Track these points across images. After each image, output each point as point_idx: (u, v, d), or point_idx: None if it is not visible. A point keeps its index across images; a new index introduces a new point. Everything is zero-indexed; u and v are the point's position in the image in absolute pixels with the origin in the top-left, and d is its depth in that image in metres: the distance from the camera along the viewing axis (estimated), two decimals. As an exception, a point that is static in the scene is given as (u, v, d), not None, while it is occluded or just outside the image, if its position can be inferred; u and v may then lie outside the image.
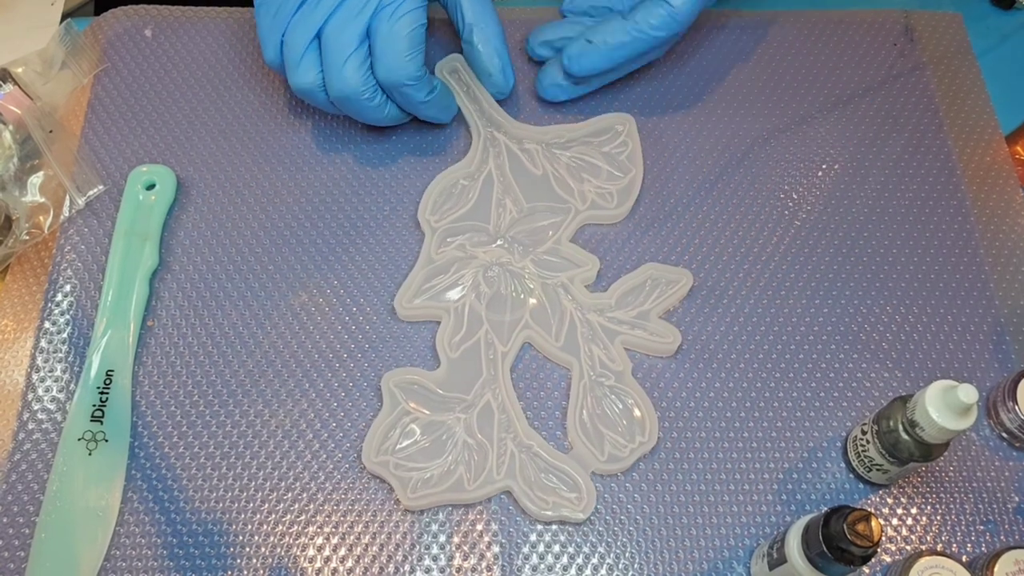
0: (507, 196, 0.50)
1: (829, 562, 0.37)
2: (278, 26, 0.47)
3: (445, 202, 0.50)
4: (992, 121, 0.55)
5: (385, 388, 0.45)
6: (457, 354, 0.46)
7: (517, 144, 0.52)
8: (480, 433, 0.44)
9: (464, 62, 0.54)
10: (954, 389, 0.38)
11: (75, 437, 0.44)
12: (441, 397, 0.45)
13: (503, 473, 0.43)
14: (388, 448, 0.44)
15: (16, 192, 0.50)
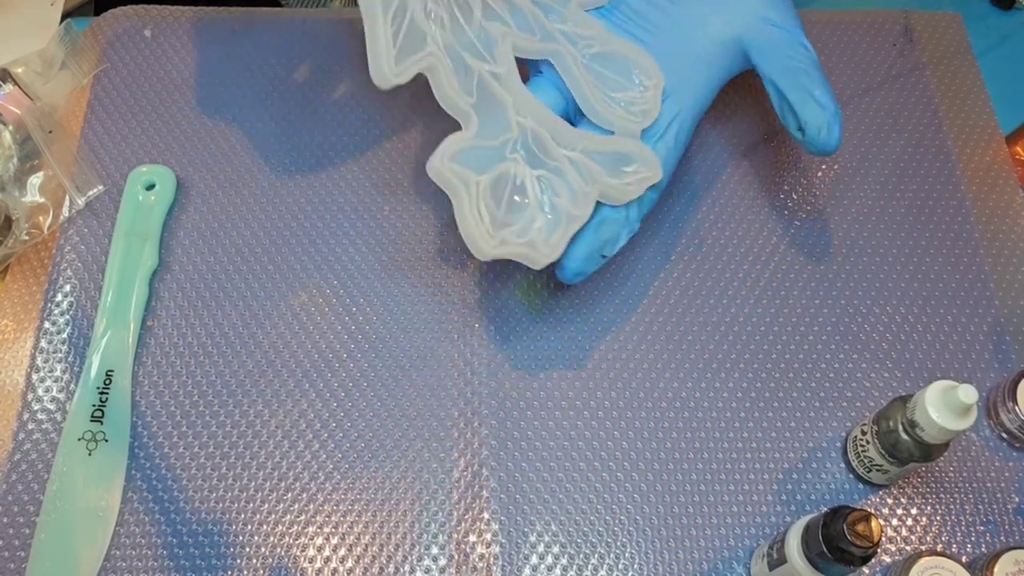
0: None
1: (829, 562, 0.37)
2: None
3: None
4: (992, 121, 0.55)
5: (444, 176, 0.42)
6: (474, 98, 0.43)
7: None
8: (544, 156, 0.44)
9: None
10: (954, 389, 0.38)
11: (75, 437, 0.44)
12: (493, 147, 0.43)
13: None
14: (500, 221, 0.42)
15: (16, 192, 0.50)
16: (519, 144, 0.43)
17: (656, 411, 0.46)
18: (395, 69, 0.42)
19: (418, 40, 0.43)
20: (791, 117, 0.46)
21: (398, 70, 0.42)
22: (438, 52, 0.43)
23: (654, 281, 0.50)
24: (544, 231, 0.43)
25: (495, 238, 0.42)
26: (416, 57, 0.43)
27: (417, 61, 0.43)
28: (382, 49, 0.42)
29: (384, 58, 0.42)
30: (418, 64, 0.43)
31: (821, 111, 0.45)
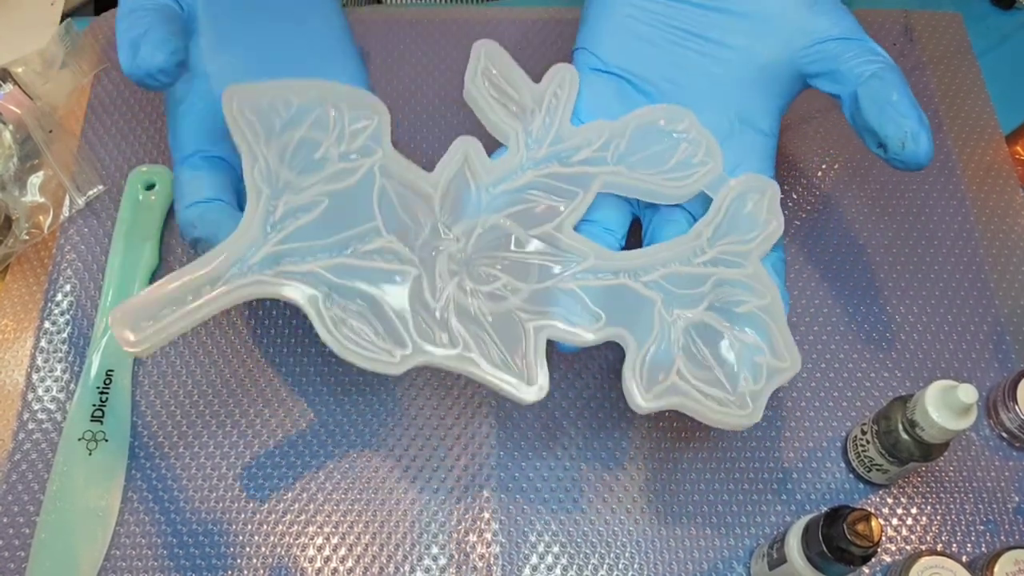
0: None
1: (829, 562, 0.37)
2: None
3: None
4: (992, 121, 0.55)
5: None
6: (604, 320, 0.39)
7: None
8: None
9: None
10: (954, 389, 0.38)
11: (75, 437, 0.44)
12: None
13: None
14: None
15: (16, 192, 0.50)
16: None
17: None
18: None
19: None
20: (868, 134, 0.41)
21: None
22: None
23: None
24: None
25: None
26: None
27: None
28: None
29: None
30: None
31: (902, 121, 0.39)
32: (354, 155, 0.39)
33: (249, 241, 0.36)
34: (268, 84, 0.39)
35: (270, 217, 0.37)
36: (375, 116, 0.40)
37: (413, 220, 0.39)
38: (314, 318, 0.36)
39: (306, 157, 0.38)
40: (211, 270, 0.36)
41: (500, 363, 0.37)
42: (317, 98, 0.39)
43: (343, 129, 0.39)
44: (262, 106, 0.38)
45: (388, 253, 0.38)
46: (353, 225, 0.38)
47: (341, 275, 0.37)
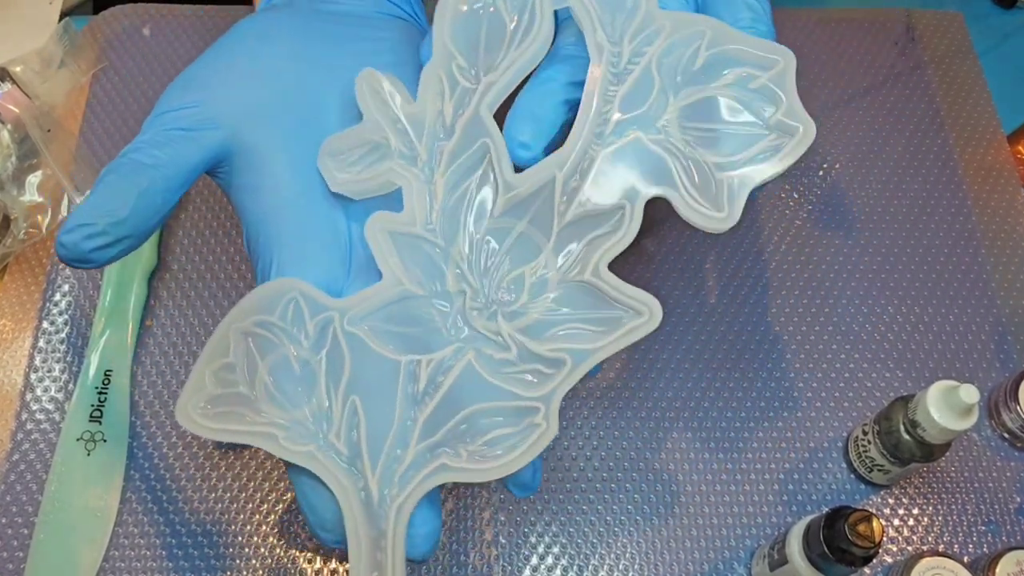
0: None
1: (830, 563, 0.37)
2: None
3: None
4: (994, 121, 0.55)
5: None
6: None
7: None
8: None
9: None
10: (955, 389, 0.38)
11: (74, 437, 0.44)
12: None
13: None
14: None
15: (14, 191, 0.50)
16: None
17: (656, 411, 0.46)
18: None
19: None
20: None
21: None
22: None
23: (653, 282, 0.49)
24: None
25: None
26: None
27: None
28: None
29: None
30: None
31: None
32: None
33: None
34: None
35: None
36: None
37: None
38: None
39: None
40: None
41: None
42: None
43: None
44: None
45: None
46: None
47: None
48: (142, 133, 0.34)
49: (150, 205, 0.33)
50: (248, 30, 0.38)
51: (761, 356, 0.48)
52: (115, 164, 0.33)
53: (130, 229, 0.32)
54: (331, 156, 0.35)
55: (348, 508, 0.32)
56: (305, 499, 0.33)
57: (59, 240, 0.31)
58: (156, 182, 0.33)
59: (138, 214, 0.33)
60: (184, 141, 0.34)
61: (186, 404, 0.33)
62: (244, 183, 0.36)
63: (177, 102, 0.35)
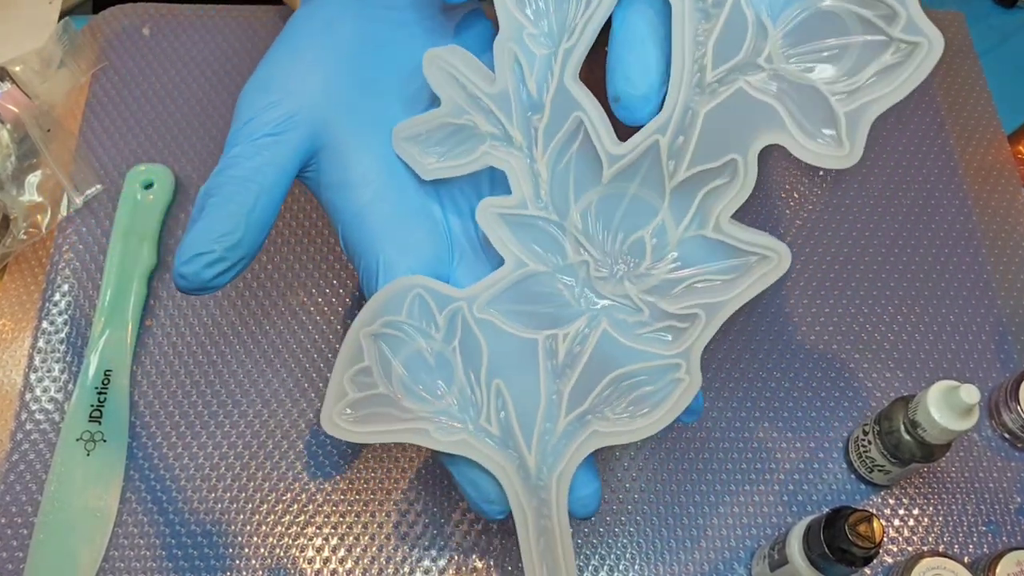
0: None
1: (831, 563, 0.36)
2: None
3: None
4: (994, 120, 0.55)
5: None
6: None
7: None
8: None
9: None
10: (956, 389, 0.38)
11: (73, 437, 0.44)
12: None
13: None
14: None
15: (14, 191, 0.49)
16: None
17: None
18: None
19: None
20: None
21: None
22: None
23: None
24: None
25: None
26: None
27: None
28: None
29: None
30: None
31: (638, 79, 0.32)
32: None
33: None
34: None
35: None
36: None
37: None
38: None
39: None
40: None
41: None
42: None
43: None
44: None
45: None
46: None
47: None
48: (232, 146, 0.34)
49: (259, 221, 0.33)
50: (309, 21, 0.36)
51: (761, 356, 0.48)
52: (214, 184, 0.33)
53: (245, 250, 0.32)
54: (411, 142, 0.34)
55: (509, 485, 0.33)
56: (464, 478, 0.33)
57: (178, 272, 0.31)
58: (260, 196, 0.33)
59: (250, 232, 0.32)
60: (275, 147, 0.34)
61: (330, 413, 0.33)
62: (333, 180, 0.35)
63: (258, 107, 0.34)
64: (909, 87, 0.30)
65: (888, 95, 0.30)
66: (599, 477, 0.34)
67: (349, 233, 0.35)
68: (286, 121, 0.34)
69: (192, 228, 0.32)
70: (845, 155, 0.31)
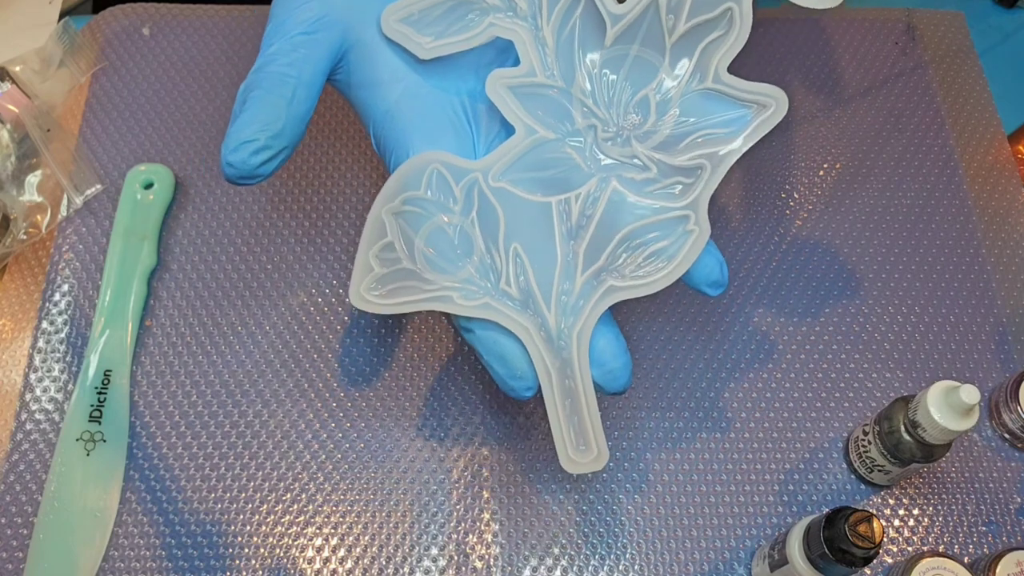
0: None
1: (830, 563, 0.36)
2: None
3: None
4: (994, 120, 0.55)
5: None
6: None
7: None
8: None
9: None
10: (956, 390, 0.38)
11: (73, 437, 0.44)
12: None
13: None
14: None
15: (14, 191, 0.49)
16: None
17: (656, 411, 0.46)
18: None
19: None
20: None
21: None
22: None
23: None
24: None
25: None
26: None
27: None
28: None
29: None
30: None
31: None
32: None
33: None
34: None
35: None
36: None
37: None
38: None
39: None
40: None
41: None
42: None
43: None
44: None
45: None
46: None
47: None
48: (268, 45, 0.36)
49: (298, 112, 0.35)
50: None
51: (761, 356, 0.48)
52: (255, 80, 0.35)
53: (287, 139, 0.34)
54: (405, 23, 0.35)
55: (532, 345, 0.34)
56: (491, 354, 0.35)
57: (226, 160, 0.33)
58: (298, 89, 0.35)
59: (291, 123, 0.34)
60: (309, 44, 0.36)
61: (358, 288, 0.35)
62: (363, 79, 0.37)
63: (291, 8, 0.36)
64: None
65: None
66: (628, 352, 0.35)
67: (380, 130, 0.37)
68: (318, 21, 0.36)
69: (237, 119, 0.34)
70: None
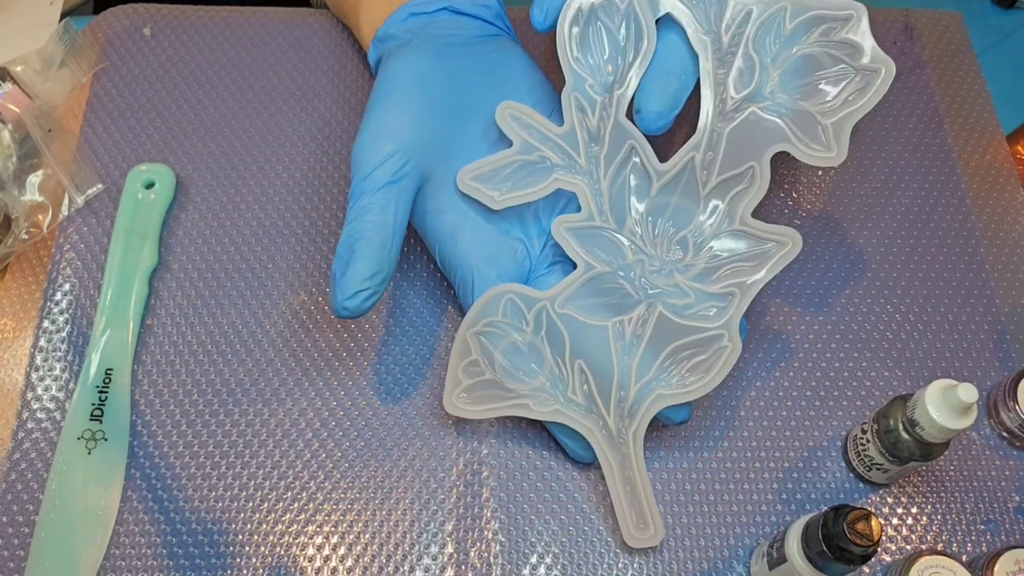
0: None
1: (829, 561, 0.37)
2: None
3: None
4: (993, 120, 0.55)
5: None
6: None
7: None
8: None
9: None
10: (954, 388, 0.38)
11: (74, 436, 0.44)
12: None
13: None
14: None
15: (15, 191, 0.50)
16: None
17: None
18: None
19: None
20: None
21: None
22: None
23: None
24: None
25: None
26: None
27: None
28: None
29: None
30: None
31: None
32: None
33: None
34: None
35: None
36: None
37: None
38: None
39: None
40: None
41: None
42: None
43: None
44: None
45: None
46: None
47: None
48: (361, 195, 0.42)
49: (395, 251, 0.42)
50: (404, 76, 0.45)
51: (760, 355, 0.48)
52: (356, 230, 0.41)
53: (388, 276, 0.41)
54: (480, 181, 0.43)
55: (596, 443, 0.42)
56: (562, 436, 0.43)
57: (343, 305, 0.40)
58: (395, 235, 0.42)
59: (390, 265, 0.41)
60: (398, 192, 0.42)
61: (451, 396, 0.42)
62: (432, 207, 0.44)
63: (378, 159, 0.42)
64: (874, 102, 0.41)
65: (860, 108, 0.41)
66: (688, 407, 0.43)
67: (446, 250, 0.44)
68: (402, 168, 0.42)
69: (349, 268, 0.40)
70: (833, 156, 0.41)
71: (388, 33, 0.48)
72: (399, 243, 0.42)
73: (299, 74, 0.56)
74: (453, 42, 0.47)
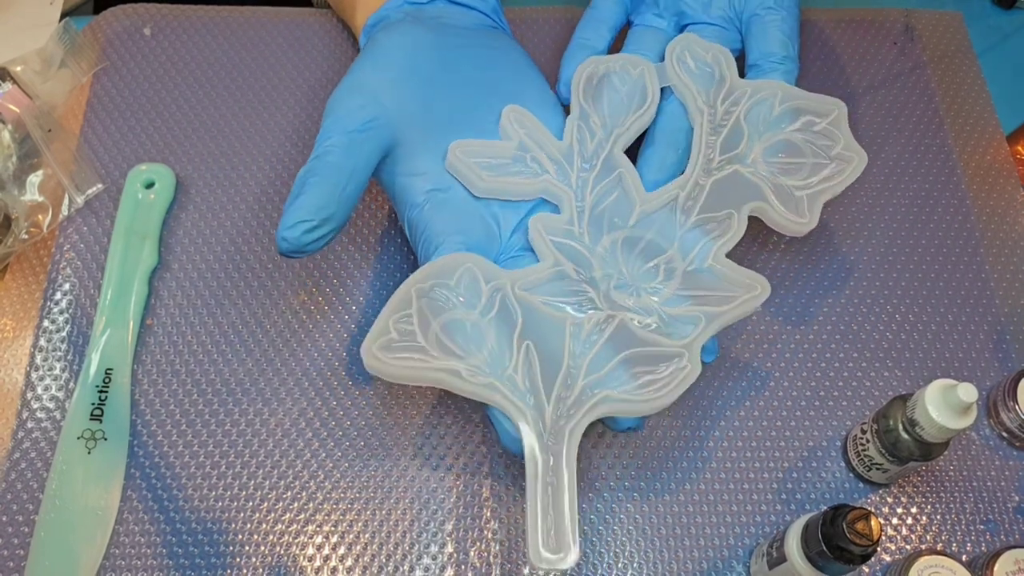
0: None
1: (829, 561, 0.37)
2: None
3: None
4: (993, 120, 0.55)
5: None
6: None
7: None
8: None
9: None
10: (954, 388, 0.38)
11: (74, 436, 0.44)
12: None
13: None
14: None
15: (15, 191, 0.50)
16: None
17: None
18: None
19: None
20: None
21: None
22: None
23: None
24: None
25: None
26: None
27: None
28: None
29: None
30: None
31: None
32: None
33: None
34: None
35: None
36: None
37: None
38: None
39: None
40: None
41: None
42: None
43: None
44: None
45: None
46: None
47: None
48: (326, 138, 0.41)
49: (349, 198, 0.41)
50: (402, 41, 0.45)
51: (760, 355, 0.48)
52: (313, 166, 0.40)
53: (336, 221, 0.40)
54: (473, 158, 0.43)
55: (525, 432, 0.38)
56: (497, 421, 0.39)
57: (281, 235, 0.39)
58: (350, 178, 0.41)
59: (341, 207, 0.40)
60: (363, 140, 0.42)
61: (370, 346, 0.38)
62: (403, 170, 0.43)
63: (349, 107, 0.42)
64: (844, 184, 0.45)
65: (832, 188, 0.45)
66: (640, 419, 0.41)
67: (415, 214, 0.43)
68: (371, 121, 0.42)
69: (295, 200, 0.39)
70: (805, 223, 0.44)
71: (381, 16, 0.49)
72: (355, 192, 0.41)
73: (299, 74, 0.56)
74: (448, 23, 0.48)
